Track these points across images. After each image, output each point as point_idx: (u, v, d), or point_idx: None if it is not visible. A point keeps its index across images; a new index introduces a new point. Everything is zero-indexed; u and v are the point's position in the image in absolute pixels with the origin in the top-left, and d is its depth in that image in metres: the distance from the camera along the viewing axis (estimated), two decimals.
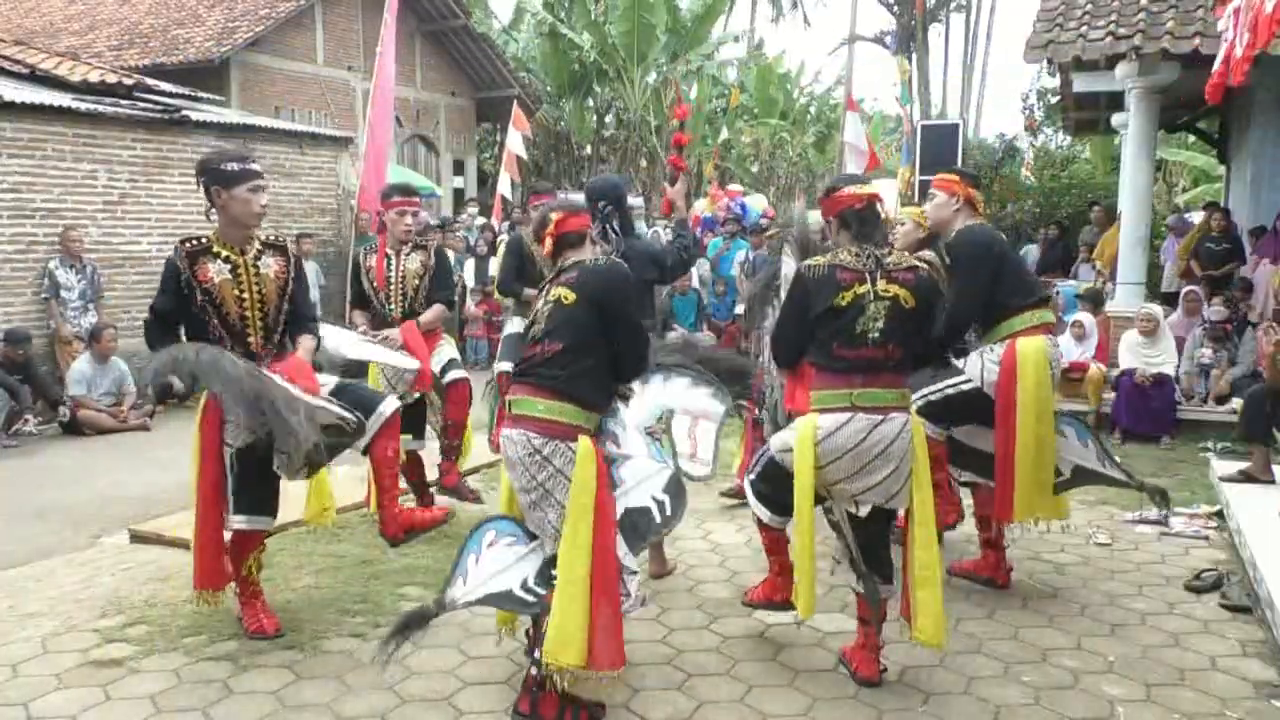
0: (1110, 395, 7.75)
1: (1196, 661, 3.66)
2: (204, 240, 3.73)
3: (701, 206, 13.42)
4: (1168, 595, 4.31)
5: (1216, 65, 4.85)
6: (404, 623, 3.05)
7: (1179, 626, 3.97)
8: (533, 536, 3.23)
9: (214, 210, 3.74)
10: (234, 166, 3.69)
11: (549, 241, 3.35)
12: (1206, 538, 5.14)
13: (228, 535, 3.85)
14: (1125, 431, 7.58)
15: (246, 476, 3.72)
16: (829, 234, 3.62)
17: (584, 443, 3.10)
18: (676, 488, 3.38)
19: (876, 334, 3.30)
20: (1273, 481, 5.61)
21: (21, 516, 5.80)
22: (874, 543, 3.53)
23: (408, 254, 5.13)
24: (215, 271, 3.69)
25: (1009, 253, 4.38)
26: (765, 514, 3.67)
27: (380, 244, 5.19)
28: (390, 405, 3.89)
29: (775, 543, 3.78)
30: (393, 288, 5.09)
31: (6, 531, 5.49)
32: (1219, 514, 5.43)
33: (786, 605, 3.71)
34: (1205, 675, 3.55)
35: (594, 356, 3.17)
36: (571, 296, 3.17)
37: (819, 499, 3.48)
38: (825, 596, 4.25)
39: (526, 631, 3.35)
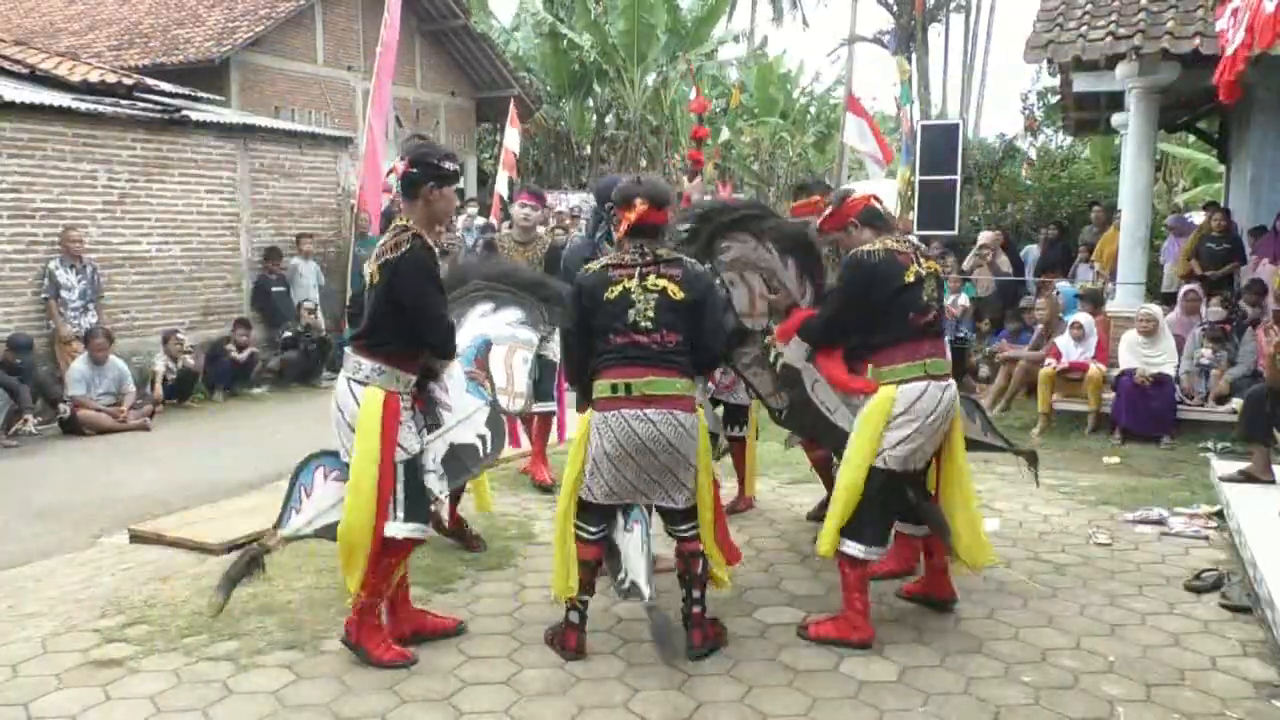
0: (1110, 395, 7.75)
1: (1196, 661, 3.66)
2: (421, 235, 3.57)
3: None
4: (1168, 595, 4.31)
5: (1222, 64, 4.84)
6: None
7: (1179, 626, 3.97)
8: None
9: (415, 201, 3.57)
10: (450, 166, 3.64)
11: (626, 225, 3.54)
12: (1206, 538, 5.14)
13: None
14: (1125, 431, 7.58)
15: (413, 484, 3.58)
16: (850, 237, 3.90)
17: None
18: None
19: (935, 304, 3.79)
20: (1273, 481, 5.61)
21: (21, 516, 5.80)
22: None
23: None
24: None
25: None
26: (859, 548, 3.71)
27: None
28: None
29: (861, 581, 3.77)
30: None
31: (6, 531, 5.50)
32: (1219, 514, 5.42)
33: (863, 644, 3.72)
34: (1205, 675, 3.55)
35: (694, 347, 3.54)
36: (681, 294, 3.49)
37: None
38: (825, 596, 4.25)
39: None
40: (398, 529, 3.47)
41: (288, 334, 10.51)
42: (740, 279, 4.15)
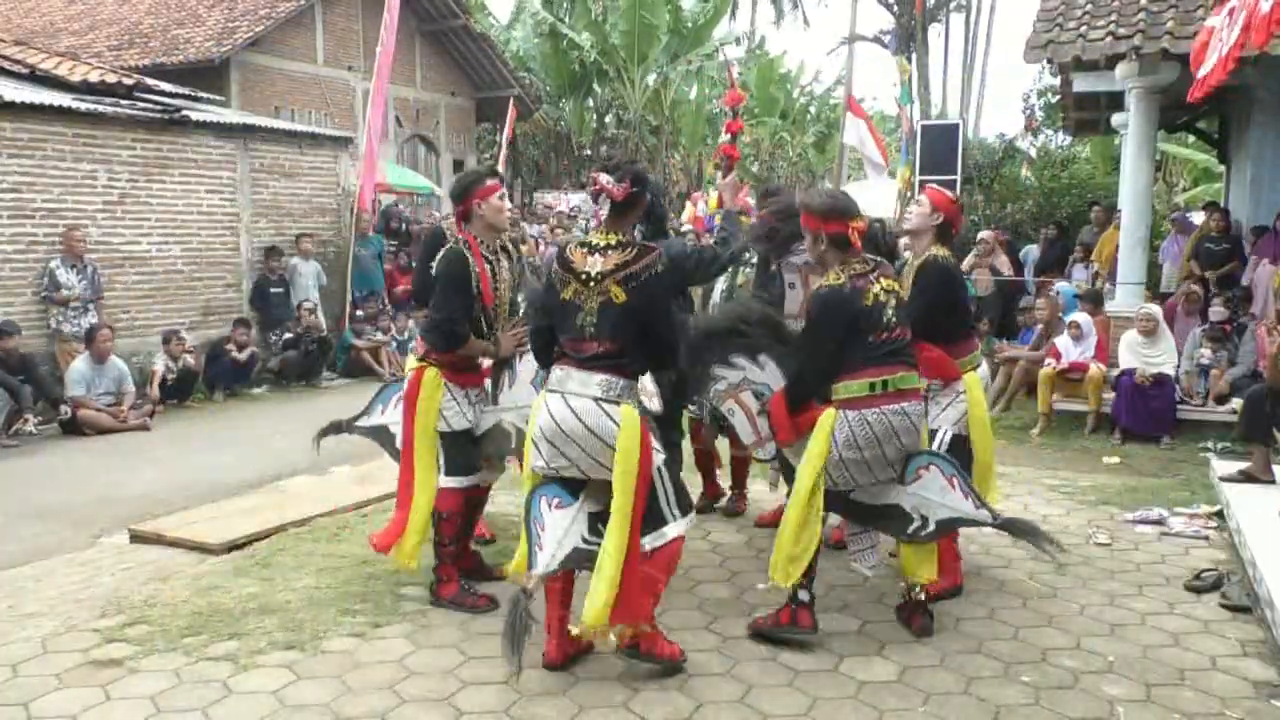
0: (1110, 395, 7.75)
1: (1196, 661, 3.66)
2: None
3: (703, 208, 13.39)
4: (1168, 595, 4.31)
5: (1210, 65, 4.83)
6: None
7: (1179, 626, 3.97)
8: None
9: (627, 218, 3.58)
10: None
11: (858, 239, 3.71)
12: (1206, 538, 5.13)
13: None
14: (1125, 431, 7.58)
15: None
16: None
17: None
18: None
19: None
20: (1273, 481, 5.61)
21: (21, 516, 5.80)
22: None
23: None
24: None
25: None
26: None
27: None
28: None
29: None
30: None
31: (6, 531, 5.50)
32: (1219, 514, 5.42)
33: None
34: (1205, 675, 3.55)
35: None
36: (902, 292, 3.75)
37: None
38: (825, 597, 4.25)
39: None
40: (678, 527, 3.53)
41: (288, 335, 10.51)
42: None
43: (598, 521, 3.47)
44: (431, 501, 4.06)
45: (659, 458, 3.46)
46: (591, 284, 3.39)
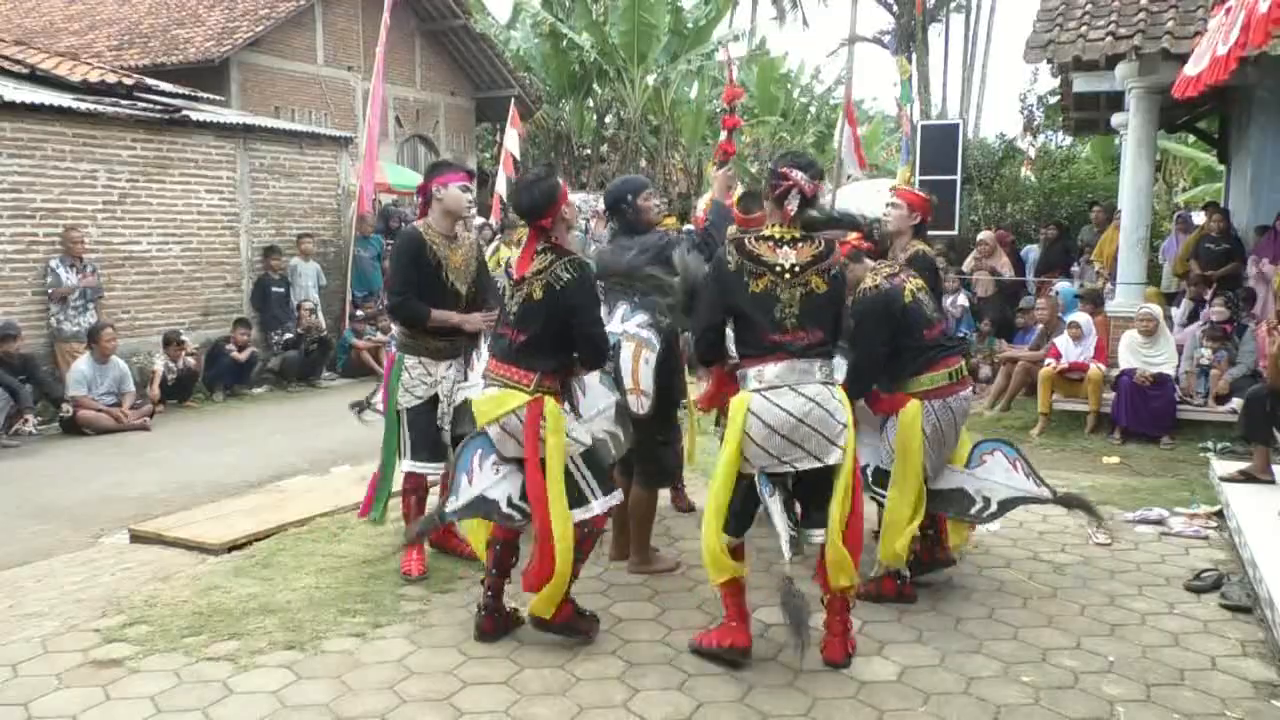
0: (1110, 395, 7.75)
1: (1196, 661, 3.66)
2: None
3: (702, 206, 13.39)
4: (1168, 595, 4.31)
5: (1204, 64, 4.82)
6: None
7: (1179, 626, 3.97)
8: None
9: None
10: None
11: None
12: (1206, 538, 5.13)
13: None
14: (1125, 431, 7.58)
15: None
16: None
17: None
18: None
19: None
20: (1273, 481, 5.61)
21: (21, 516, 5.80)
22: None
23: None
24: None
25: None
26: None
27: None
28: None
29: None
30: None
31: (6, 531, 5.50)
32: (1219, 514, 5.42)
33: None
34: (1205, 675, 3.55)
35: None
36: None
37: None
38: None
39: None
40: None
41: (288, 335, 10.50)
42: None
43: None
44: (570, 536, 3.61)
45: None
46: (788, 276, 3.45)
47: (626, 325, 4.28)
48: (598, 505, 3.72)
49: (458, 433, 4.36)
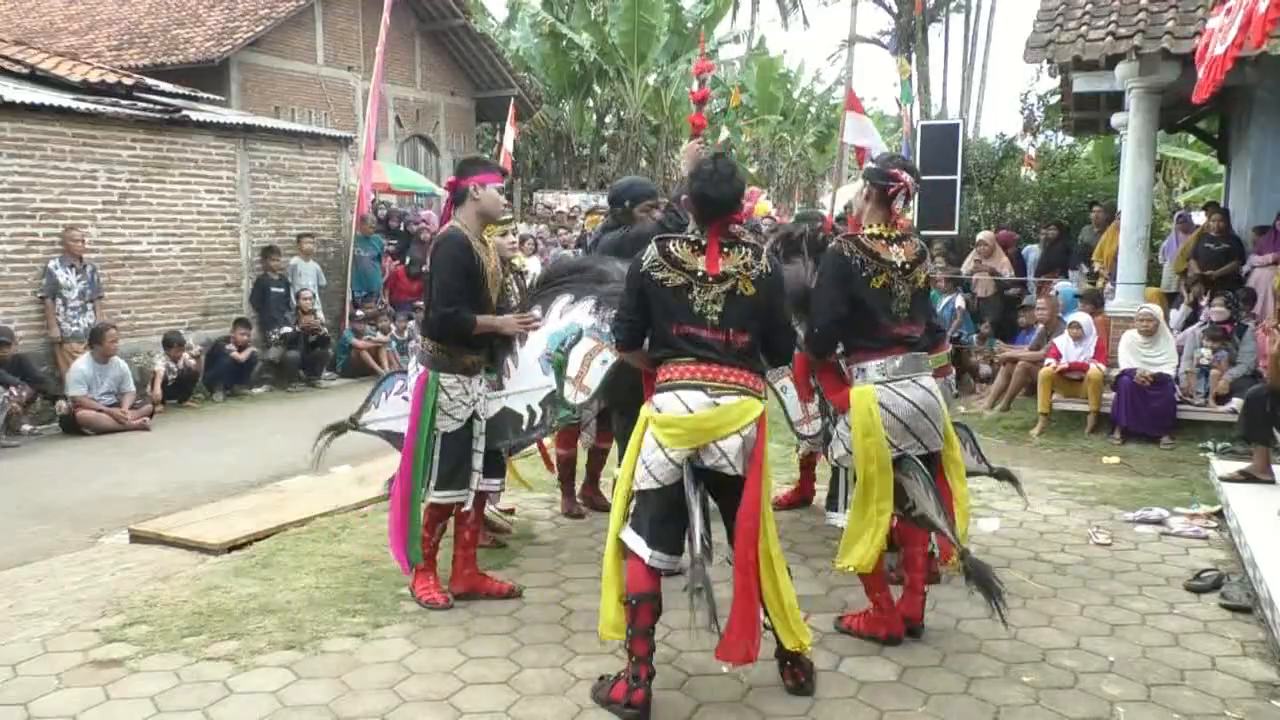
0: (1110, 395, 7.75)
1: (1196, 661, 3.66)
2: None
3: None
4: (1168, 595, 4.31)
5: (1208, 64, 4.82)
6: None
7: (1179, 626, 3.97)
8: None
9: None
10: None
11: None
12: (1206, 538, 5.14)
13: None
14: (1125, 431, 7.58)
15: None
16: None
17: None
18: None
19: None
20: (1273, 481, 5.61)
21: (21, 516, 5.80)
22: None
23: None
24: None
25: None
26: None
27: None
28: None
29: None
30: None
31: (6, 531, 5.50)
32: (1219, 514, 5.42)
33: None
34: (1205, 675, 3.55)
35: None
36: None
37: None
38: (825, 597, 4.25)
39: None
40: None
41: (285, 330, 10.47)
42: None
43: None
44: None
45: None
46: (901, 272, 3.62)
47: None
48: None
49: (491, 448, 4.21)
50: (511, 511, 5.37)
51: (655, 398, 3.27)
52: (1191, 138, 15.95)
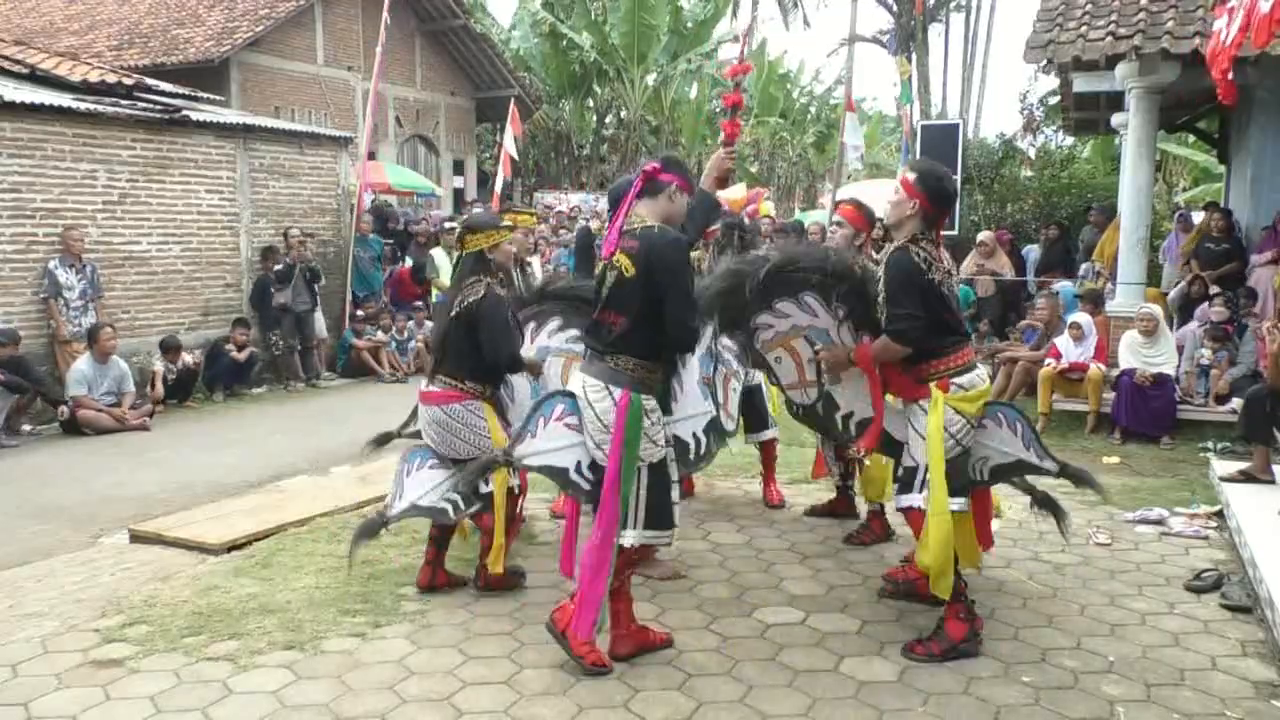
0: (1110, 395, 7.75)
1: (1196, 661, 3.66)
2: None
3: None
4: (1168, 595, 4.31)
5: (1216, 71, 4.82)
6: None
7: (1179, 626, 3.97)
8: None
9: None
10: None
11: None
12: (1206, 538, 5.13)
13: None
14: (1125, 431, 7.58)
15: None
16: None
17: None
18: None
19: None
20: (1273, 481, 5.61)
21: (21, 516, 5.80)
22: None
23: None
24: None
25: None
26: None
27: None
28: None
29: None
30: None
31: (6, 531, 5.49)
32: (1219, 514, 5.42)
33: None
34: (1205, 675, 3.55)
35: None
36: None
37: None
38: (825, 597, 4.25)
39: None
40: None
41: (278, 267, 10.38)
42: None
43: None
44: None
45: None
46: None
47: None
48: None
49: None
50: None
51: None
52: (1191, 137, 15.94)
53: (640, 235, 3.42)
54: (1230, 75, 4.66)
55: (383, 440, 4.65)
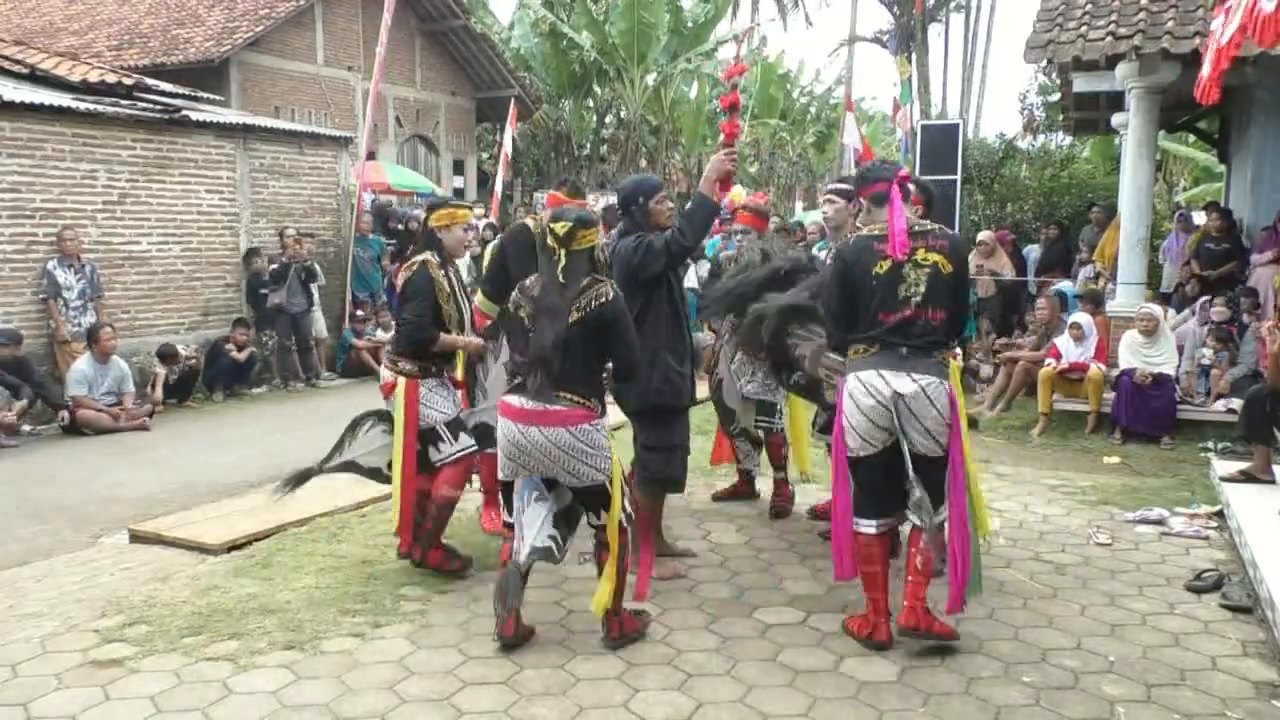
0: (1110, 395, 7.75)
1: (1196, 661, 3.66)
2: None
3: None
4: (1168, 595, 4.31)
5: (1207, 68, 4.81)
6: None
7: (1179, 626, 3.97)
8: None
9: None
10: None
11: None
12: (1207, 538, 5.13)
13: None
14: (1125, 431, 7.58)
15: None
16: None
17: None
18: None
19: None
20: (1273, 481, 5.61)
21: (21, 516, 5.80)
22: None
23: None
24: None
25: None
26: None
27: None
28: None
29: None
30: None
31: (6, 531, 5.49)
32: (1219, 514, 5.42)
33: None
34: (1205, 675, 3.55)
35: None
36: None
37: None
38: (825, 596, 4.25)
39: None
40: None
41: (274, 266, 10.36)
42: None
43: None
44: None
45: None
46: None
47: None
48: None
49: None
50: None
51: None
52: (1191, 137, 15.94)
53: (942, 235, 3.68)
54: (1222, 77, 4.65)
55: (301, 479, 4.44)
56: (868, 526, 3.69)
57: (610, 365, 3.76)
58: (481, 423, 4.64)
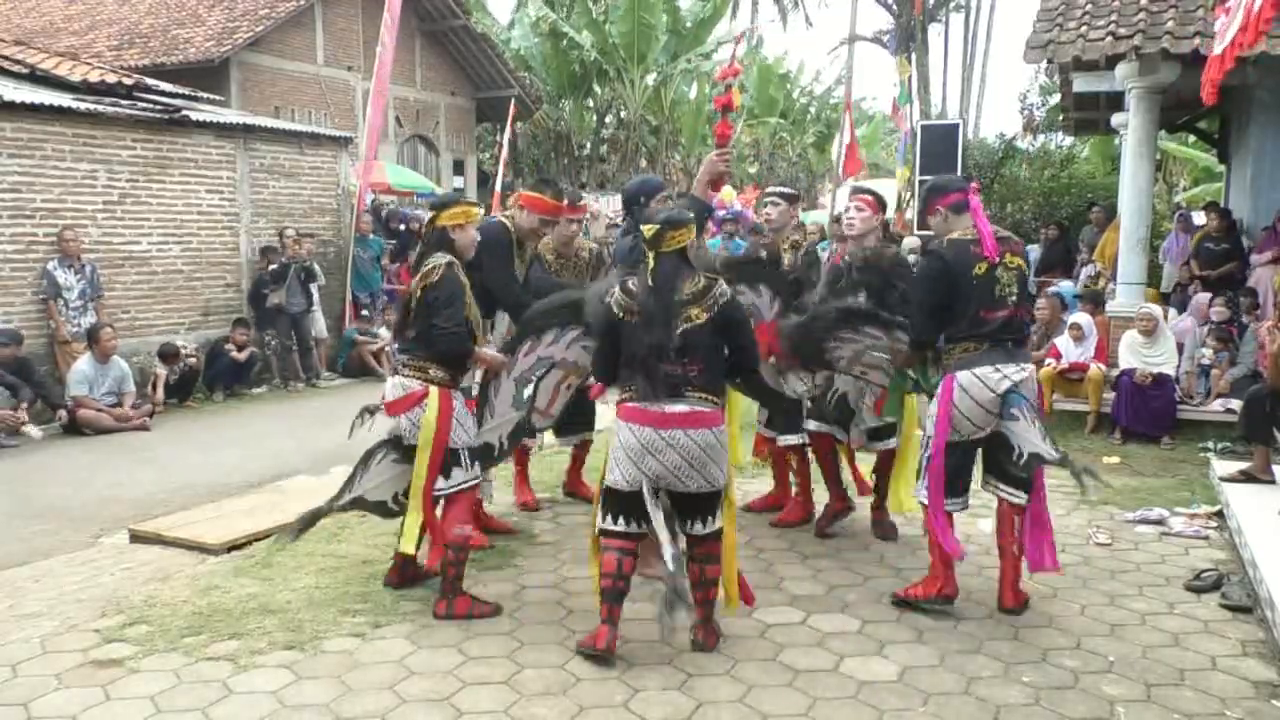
0: (1110, 395, 7.74)
1: (1196, 661, 3.66)
2: None
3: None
4: (1168, 595, 4.31)
5: (1209, 64, 4.82)
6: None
7: (1179, 626, 3.97)
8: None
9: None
10: None
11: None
12: (1206, 538, 5.13)
13: None
14: (1125, 431, 7.58)
15: None
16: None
17: None
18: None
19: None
20: (1273, 481, 5.61)
21: (21, 516, 5.80)
22: None
23: None
24: None
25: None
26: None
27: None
28: None
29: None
30: None
31: (6, 531, 5.49)
32: (1219, 514, 5.42)
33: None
34: (1205, 675, 3.55)
35: None
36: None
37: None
38: (825, 596, 4.25)
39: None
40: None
41: (273, 266, 10.36)
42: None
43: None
44: None
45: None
46: None
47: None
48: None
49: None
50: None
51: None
52: (1191, 137, 15.94)
53: (1015, 241, 4.14)
54: (1220, 77, 4.66)
55: (311, 520, 4.17)
56: (955, 506, 4.06)
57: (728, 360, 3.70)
58: (485, 444, 4.35)
